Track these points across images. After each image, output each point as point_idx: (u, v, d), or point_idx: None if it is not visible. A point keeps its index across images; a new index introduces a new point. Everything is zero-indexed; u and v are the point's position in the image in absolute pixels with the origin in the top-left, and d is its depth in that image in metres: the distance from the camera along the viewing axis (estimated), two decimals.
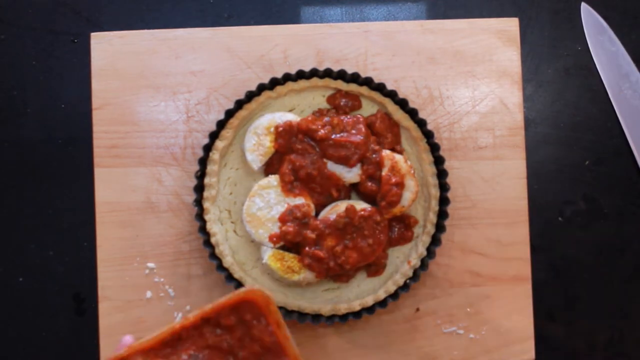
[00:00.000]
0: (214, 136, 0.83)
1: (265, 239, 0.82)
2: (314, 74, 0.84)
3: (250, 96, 0.84)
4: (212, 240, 0.82)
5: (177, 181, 0.88)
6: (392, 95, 0.83)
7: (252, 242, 0.84)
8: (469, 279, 0.87)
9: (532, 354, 0.87)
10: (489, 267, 0.87)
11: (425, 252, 0.83)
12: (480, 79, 0.89)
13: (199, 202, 0.83)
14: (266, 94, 0.84)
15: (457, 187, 0.88)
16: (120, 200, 0.87)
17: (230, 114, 0.83)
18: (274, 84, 0.84)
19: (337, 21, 0.93)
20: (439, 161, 0.83)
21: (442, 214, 0.83)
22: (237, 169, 0.85)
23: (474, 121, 0.89)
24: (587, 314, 0.91)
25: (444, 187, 0.83)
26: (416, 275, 0.83)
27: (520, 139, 0.89)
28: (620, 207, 0.91)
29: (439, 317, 0.87)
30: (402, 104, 0.83)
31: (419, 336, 0.87)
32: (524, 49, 0.92)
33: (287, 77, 0.84)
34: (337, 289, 0.85)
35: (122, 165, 0.88)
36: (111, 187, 0.87)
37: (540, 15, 0.93)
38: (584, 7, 0.93)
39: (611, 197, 0.91)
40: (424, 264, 0.83)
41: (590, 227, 0.91)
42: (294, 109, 0.86)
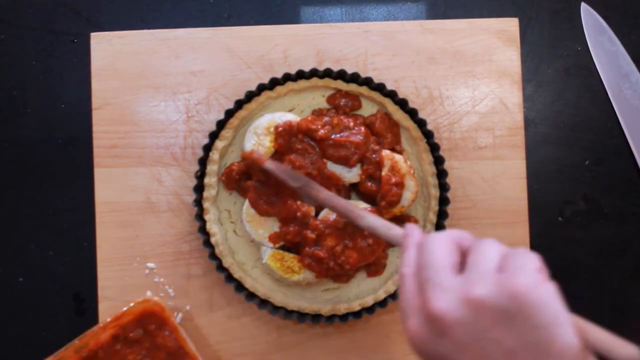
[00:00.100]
0: (214, 136, 0.83)
1: (265, 239, 0.82)
2: (314, 74, 0.84)
3: (250, 96, 0.84)
4: (212, 240, 0.82)
5: (177, 181, 0.88)
6: (392, 95, 0.83)
7: (252, 242, 0.84)
8: None
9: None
10: None
11: None
12: (480, 79, 0.89)
13: (199, 202, 0.83)
14: (266, 94, 0.84)
15: (457, 187, 0.88)
16: (120, 200, 0.87)
17: (230, 114, 0.83)
18: (274, 84, 0.84)
19: (337, 21, 0.93)
20: (438, 161, 0.83)
21: (442, 214, 0.83)
22: None
23: (474, 121, 0.89)
24: (587, 314, 0.90)
25: (443, 187, 0.83)
26: None
27: (520, 139, 0.89)
28: (620, 207, 0.91)
29: None
30: (402, 104, 0.83)
31: None
32: (524, 49, 0.92)
33: (287, 77, 0.84)
34: (337, 289, 0.85)
35: (122, 165, 0.88)
36: (111, 187, 0.87)
37: (540, 15, 0.93)
38: (584, 7, 0.92)
39: (611, 197, 0.91)
40: None
41: (590, 227, 0.91)
42: (294, 109, 0.86)
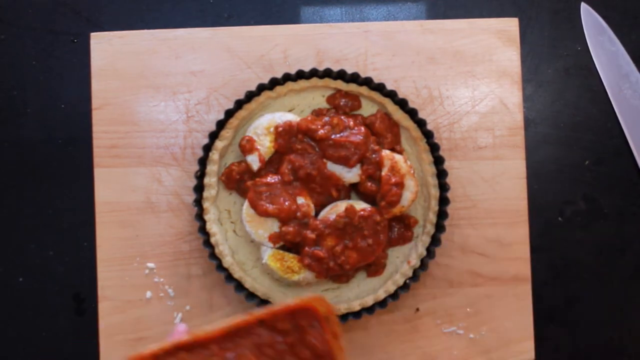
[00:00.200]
0: (213, 136, 0.83)
1: (265, 239, 0.82)
2: (314, 74, 0.84)
3: (250, 96, 0.84)
4: (212, 240, 0.82)
5: (177, 181, 0.88)
6: (391, 95, 0.83)
7: (252, 242, 0.84)
8: (469, 279, 0.87)
9: (532, 354, 0.87)
10: (489, 267, 0.87)
11: (425, 252, 0.83)
12: (480, 79, 0.89)
13: (199, 202, 0.83)
14: (266, 94, 0.84)
15: (457, 187, 0.88)
16: (120, 200, 0.87)
17: (230, 114, 0.83)
18: (274, 84, 0.84)
19: (337, 21, 0.93)
20: (438, 161, 0.83)
21: (442, 214, 0.83)
22: None
23: (474, 121, 0.89)
24: (587, 314, 0.91)
25: (443, 187, 0.83)
26: (416, 275, 0.83)
27: (520, 139, 0.89)
28: (620, 207, 0.91)
29: (438, 317, 0.87)
30: (402, 104, 0.83)
31: (419, 336, 0.87)
32: (524, 49, 0.92)
33: (287, 77, 0.84)
34: (337, 289, 0.85)
35: (122, 165, 0.88)
36: (111, 187, 0.87)
37: (540, 15, 0.93)
38: (584, 7, 0.92)
39: (611, 197, 0.91)
40: (423, 264, 0.83)
41: (590, 227, 0.91)
42: (294, 109, 0.86)
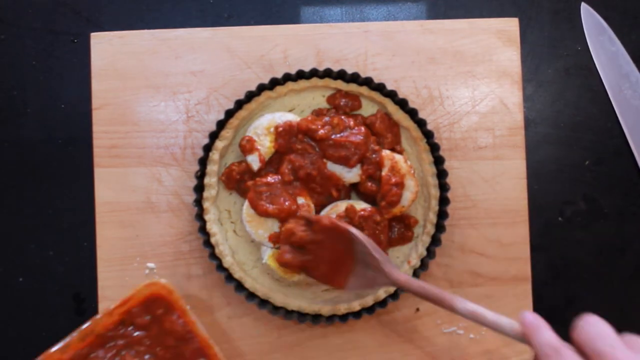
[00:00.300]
0: (214, 136, 0.83)
1: (265, 239, 0.82)
2: (314, 74, 0.84)
3: (250, 96, 0.84)
4: (212, 240, 0.82)
5: (177, 181, 0.88)
6: (392, 95, 0.83)
7: (252, 242, 0.84)
8: (469, 279, 0.87)
9: (532, 354, 0.86)
10: (489, 267, 0.87)
11: (425, 252, 0.83)
12: (480, 79, 0.89)
13: (199, 202, 0.83)
14: (266, 94, 0.84)
15: (457, 187, 0.88)
16: (120, 200, 0.87)
17: (230, 114, 0.83)
18: (274, 84, 0.84)
19: (337, 21, 0.93)
20: (438, 161, 0.83)
21: (442, 214, 0.83)
22: None
23: (474, 121, 0.89)
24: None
25: (443, 187, 0.83)
26: (416, 275, 0.83)
27: (520, 139, 0.89)
28: (620, 207, 0.91)
29: (439, 317, 0.87)
30: (402, 104, 0.83)
31: (419, 336, 0.87)
32: (524, 49, 0.92)
33: (287, 77, 0.84)
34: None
35: (122, 165, 0.88)
36: (111, 187, 0.87)
37: (540, 15, 0.93)
38: (584, 7, 0.92)
39: (611, 197, 0.91)
40: (424, 264, 0.83)
41: (590, 227, 0.91)
42: (294, 109, 0.86)
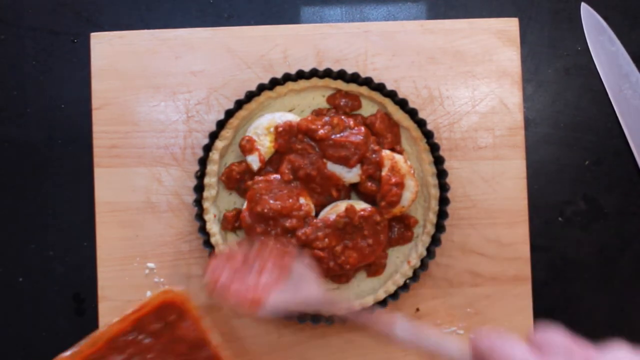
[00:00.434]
0: (213, 136, 0.83)
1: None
2: (314, 74, 0.84)
3: (250, 96, 0.84)
4: (212, 240, 0.82)
5: (177, 181, 0.88)
6: (392, 95, 0.83)
7: None
8: (469, 279, 0.87)
9: None
10: (489, 267, 0.87)
11: (425, 252, 0.83)
12: (480, 79, 0.89)
13: (199, 202, 0.83)
14: (266, 94, 0.84)
15: (457, 187, 0.88)
16: (120, 200, 0.87)
17: (230, 114, 0.83)
18: (274, 84, 0.84)
19: (337, 21, 0.93)
20: (438, 161, 0.83)
21: (442, 214, 0.83)
22: None
23: (474, 121, 0.89)
24: (587, 314, 0.91)
25: (443, 187, 0.83)
26: (416, 275, 0.83)
27: (520, 139, 0.89)
28: (620, 207, 0.91)
29: (439, 317, 0.87)
30: (402, 104, 0.83)
31: None
32: (524, 49, 0.92)
33: (287, 77, 0.84)
34: (337, 289, 0.85)
35: (122, 165, 0.88)
36: (111, 187, 0.87)
37: (540, 15, 0.93)
38: (584, 7, 0.92)
39: (611, 197, 0.91)
40: (423, 264, 0.83)
41: (590, 227, 0.91)
42: (294, 109, 0.86)
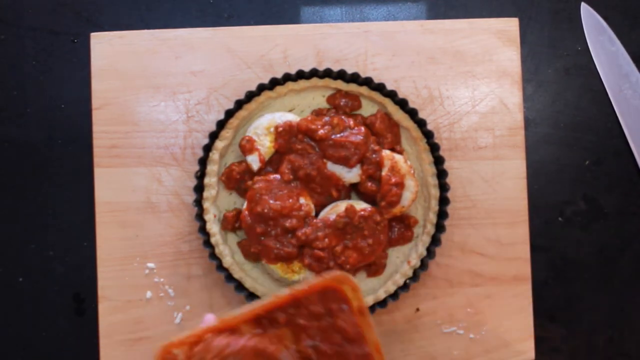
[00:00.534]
0: (213, 136, 0.83)
1: None
2: (314, 74, 0.84)
3: (250, 96, 0.84)
4: (212, 240, 0.82)
5: (177, 181, 0.88)
6: (392, 95, 0.83)
7: None
8: (469, 279, 0.87)
9: (532, 354, 0.87)
10: (489, 267, 0.87)
11: (425, 252, 0.83)
12: (480, 79, 0.89)
13: (199, 202, 0.83)
14: (266, 94, 0.84)
15: (457, 187, 0.88)
16: (120, 200, 0.87)
17: (230, 114, 0.83)
18: (274, 84, 0.84)
19: (337, 21, 0.93)
20: (438, 161, 0.83)
21: (442, 214, 0.83)
22: None
23: (474, 121, 0.89)
24: (587, 314, 0.91)
25: (443, 187, 0.83)
26: (416, 275, 0.83)
27: (520, 139, 0.89)
28: (620, 207, 0.91)
29: (439, 317, 0.87)
30: (402, 104, 0.83)
31: (419, 336, 0.87)
32: (524, 49, 0.92)
33: (287, 77, 0.84)
34: None
35: (122, 165, 0.88)
36: (111, 187, 0.87)
37: (540, 15, 0.93)
38: (584, 7, 0.92)
39: (611, 197, 0.91)
40: (423, 264, 0.83)
41: (590, 227, 0.91)
42: (294, 109, 0.86)
